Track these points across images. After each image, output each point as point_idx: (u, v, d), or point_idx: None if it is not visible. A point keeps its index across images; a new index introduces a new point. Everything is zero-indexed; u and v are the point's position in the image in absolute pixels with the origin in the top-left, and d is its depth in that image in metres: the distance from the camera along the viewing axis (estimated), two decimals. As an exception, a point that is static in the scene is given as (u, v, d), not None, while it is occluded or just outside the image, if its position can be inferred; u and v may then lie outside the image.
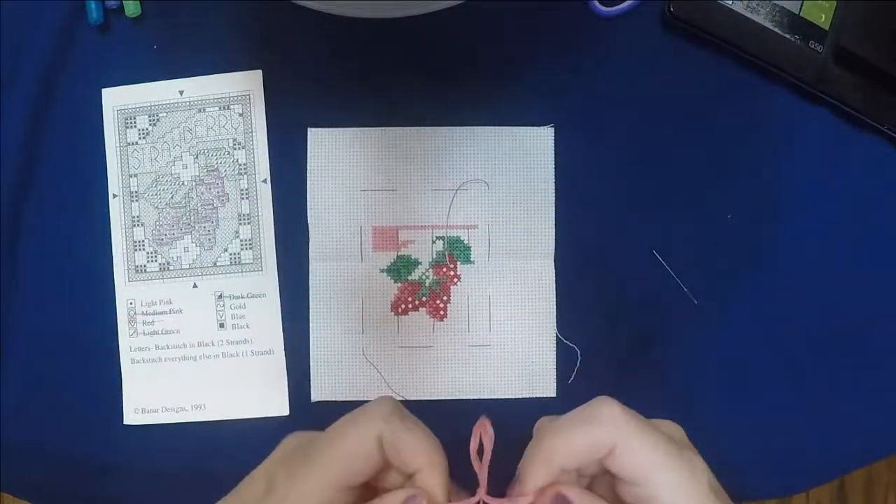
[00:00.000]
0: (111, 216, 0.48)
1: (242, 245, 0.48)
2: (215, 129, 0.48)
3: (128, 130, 0.48)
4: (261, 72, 0.47)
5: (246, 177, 0.48)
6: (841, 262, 0.49)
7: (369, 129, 0.48)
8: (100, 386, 0.48)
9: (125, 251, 0.48)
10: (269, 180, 0.48)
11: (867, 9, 0.47)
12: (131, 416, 0.48)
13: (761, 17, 0.47)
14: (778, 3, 0.47)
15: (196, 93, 0.48)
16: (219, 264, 0.48)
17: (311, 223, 0.48)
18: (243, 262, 0.48)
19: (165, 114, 0.48)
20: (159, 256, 0.48)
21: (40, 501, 0.49)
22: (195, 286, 0.48)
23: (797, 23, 0.47)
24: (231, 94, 0.48)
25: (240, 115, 0.48)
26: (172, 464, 0.48)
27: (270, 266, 0.48)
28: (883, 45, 0.47)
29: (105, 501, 0.48)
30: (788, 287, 0.49)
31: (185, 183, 0.48)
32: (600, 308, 0.48)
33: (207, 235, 0.48)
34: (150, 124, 0.48)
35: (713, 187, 0.49)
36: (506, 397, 0.48)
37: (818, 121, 0.49)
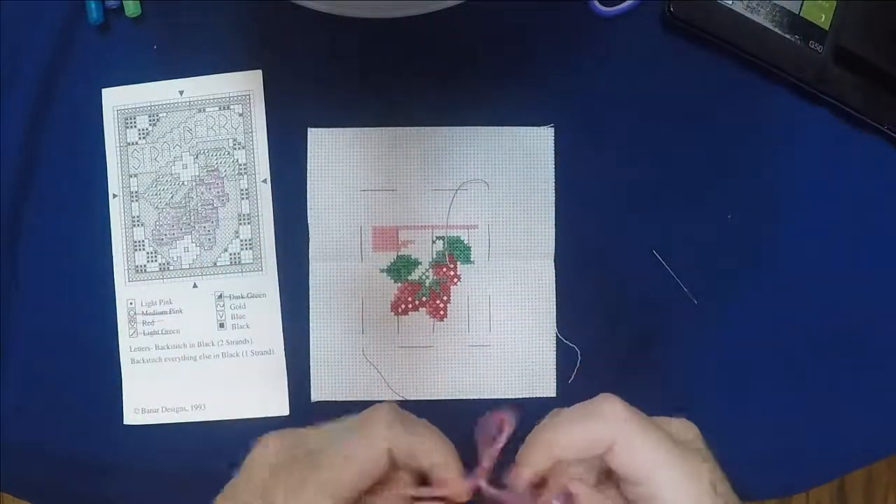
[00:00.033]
0: (111, 216, 0.48)
1: (242, 245, 0.48)
2: (215, 129, 0.48)
3: (128, 130, 0.48)
4: (261, 72, 0.47)
5: (246, 177, 0.48)
6: (841, 262, 0.49)
7: (369, 129, 0.48)
8: (100, 386, 0.48)
9: (125, 251, 0.48)
10: (269, 180, 0.48)
11: (867, 9, 0.47)
12: (131, 416, 0.48)
13: (761, 17, 0.47)
14: (778, 3, 0.47)
15: (196, 93, 0.48)
16: (219, 264, 0.48)
17: (311, 223, 0.48)
18: (243, 262, 0.48)
19: (165, 114, 0.48)
20: (159, 256, 0.48)
21: (40, 501, 0.49)
22: (195, 286, 0.48)
23: (797, 23, 0.47)
24: (231, 94, 0.48)
25: (240, 115, 0.48)
26: (172, 464, 0.48)
27: (270, 266, 0.48)
28: (883, 45, 0.47)
29: (105, 501, 0.48)
30: (788, 287, 0.49)
31: (185, 183, 0.48)
32: (600, 308, 0.48)
33: (207, 235, 0.48)
34: (150, 124, 0.48)
35: (713, 187, 0.49)
36: (506, 397, 0.48)
37: (818, 121, 0.49)
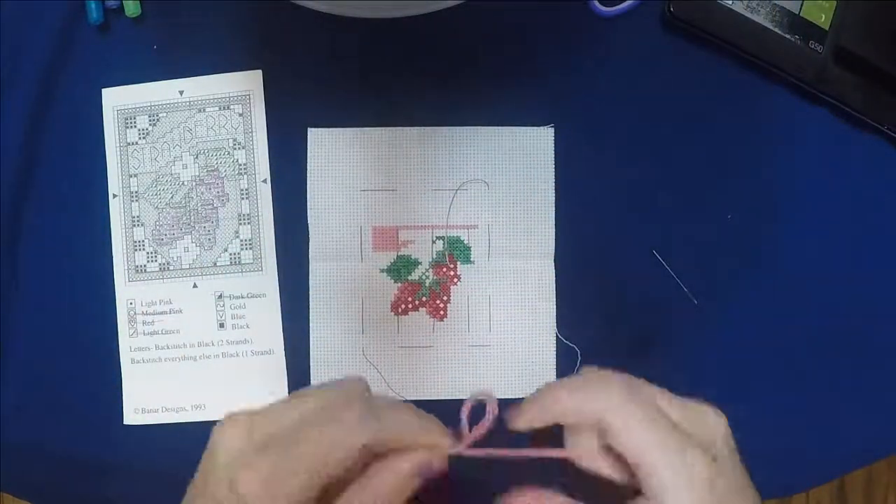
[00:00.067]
0: (111, 216, 0.48)
1: (242, 245, 0.48)
2: (215, 129, 0.48)
3: (128, 130, 0.48)
4: (261, 72, 0.47)
5: (246, 177, 0.48)
6: (841, 262, 0.49)
7: (369, 129, 0.48)
8: (100, 386, 0.48)
9: (125, 251, 0.48)
10: (269, 180, 0.48)
11: (867, 9, 0.47)
12: (131, 416, 0.48)
13: (761, 17, 0.47)
14: (778, 3, 0.47)
15: (196, 93, 0.48)
16: (219, 264, 0.48)
17: (311, 223, 0.48)
18: (243, 262, 0.48)
19: (165, 114, 0.48)
20: (159, 256, 0.48)
21: (40, 501, 0.49)
22: (195, 286, 0.48)
23: (797, 23, 0.47)
24: (231, 94, 0.48)
25: (240, 115, 0.48)
26: (172, 464, 0.48)
27: (270, 266, 0.48)
28: (883, 45, 0.47)
29: (105, 501, 0.48)
30: (788, 287, 0.49)
31: (185, 183, 0.48)
32: (600, 308, 0.48)
33: (207, 235, 0.48)
34: (150, 124, 0.48)
35: (713, 187, 0.49)
36: (506, 397, 0.48)
37: (818, 121, 0.49)
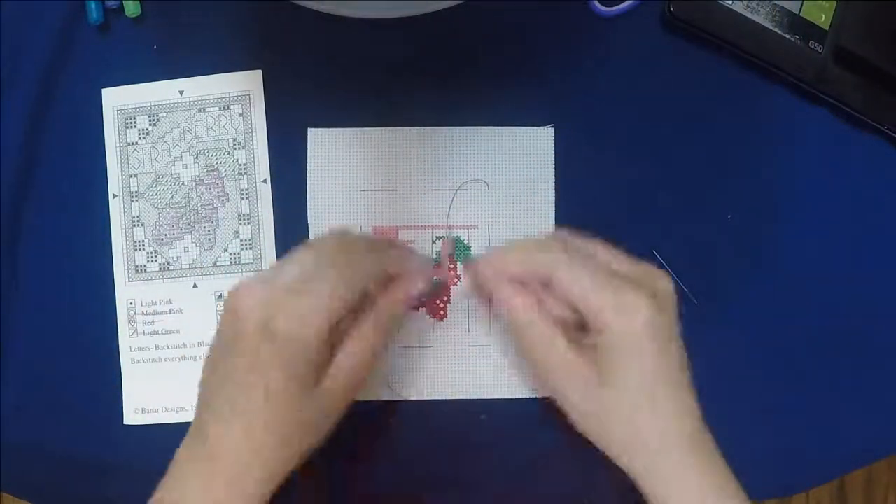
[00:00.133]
0: (111, 216, 0.48)
1: (242, 245, 0.48)
2: (215, 129, 0.48)
3: (128, 130, 0.48)
4: (261, 72, 0.47)
5: (246, 177, 0.48)
6: (841, 262, 0.49)
7: (369, 129, 0.48)
8: (100, 386, 0.48)
9: (125, 251, 0.48)
10: (269, 180, 0.48)
11: (867, 9, 0.47)
12: (131, 416, 0.48)
13: (761, 17, 0.47)
14: (778, 3, 0.47)
15: (196, 93, 0.48)
16: (219, 264, 0.48)
17: (311, 223, 0.48)
18: (243, 262, 0.48)
19: (165, 114, 0.48)
20: (159, 256, 0.48)
21: (40, 501, 0.49)
22: (195, 286, 0.48)
23: (797, 23, 0.47)
24: (231, 94, 0.48)
25: (240, 115, 0.48)
26: (172, 464, 0.48)
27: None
28: (883, 45, 0.47)
29: (105, 501, 0.48)
30: (788, 287, 0.49)
31: (185, 183, 0.48)
32: (600, 308, 0.48)
33: (207, 235, 0.48)
34: (150, 124, 0.48)
35: (713, 187, 0.48)
36: (506, 397, 0.48)
37: (818, 121, 0.49)
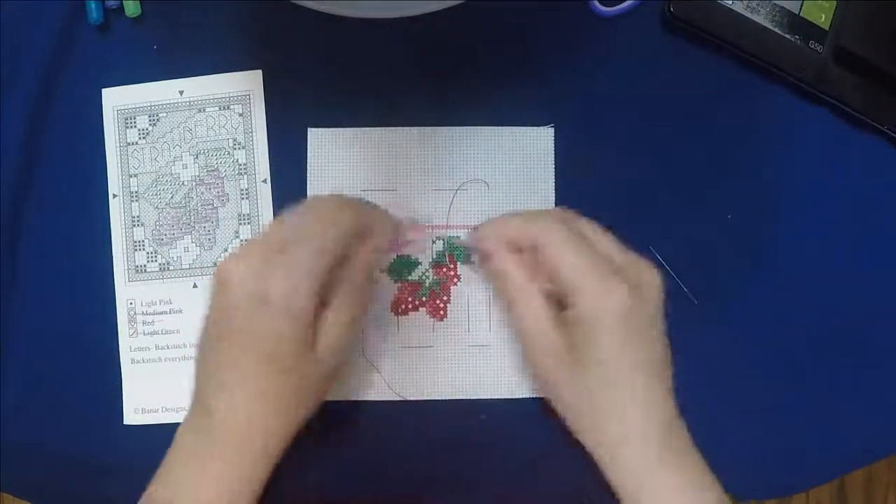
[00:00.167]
0: (111, 216, 0.48)
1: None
2: (215, 130, 0.48)
3: (128, 130, 0.48)
4: (261, 72, 0.47)
5: (246, 177, 0.48)
6: (841, 262, 0.49)
7: (369, 129, 0.48)
8: (100, 386, 0.48)
9: (125, 251, 0.48)
10: (269, 180, 0.48)
11: (867, 9, 0.47)
12: (131, 416, 0.48)
13: (761, 17, 0.47)
14: (778, 3, 0.47)
15: (196, 93, 0.48)
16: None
17: (311, 223, 0.48)
18: (243, 262, 0.48)
19: (165, 114, 0.48)
20: (159, 256, 0.48)
21: (40, 501, 0.49)
22: (195, 286, 0.48)
23: (797, 23, 0.47)
24: (231, 95, 0.48)
25: (240, 115, 0.48)
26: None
27: (270, 266, 0.48)
28: (883, 45, 0.47)
29: (105, 501, 0.48)
30: (788, 287, 0.49)
31: (185, 183, 0.48)
32: (600, 308, 0.48)
33: (207, 235, 0.48)
34: (151, 124, 0.48)
35: (713, 187, 0.49)
36: (506, 397, 0.48)
37: (818, 121, 0.49)
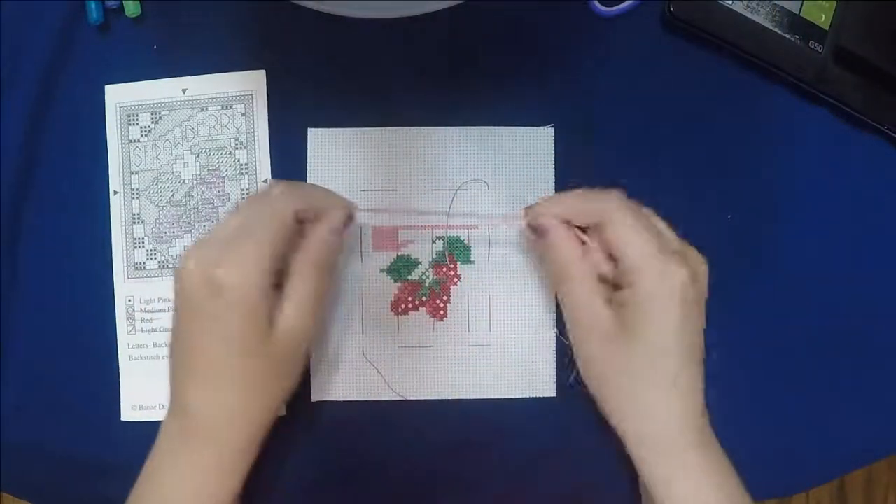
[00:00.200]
0: (111, 213, 0.48)
1: (242, 244, 0.48)
2: (217, 129, 0.48)
3: (130, 127, 0.48)
4: (264, 72, 0.47)
5: (247, 176, 0.48)
6: (841, 262, 0.49)
7: (369, 129, 0.48)
8: (99, 384, 0.48)
9: (125, 248, 0.48)
10: (269, 180, 0.48)
11: (867, 9, 0.47)
12: (129, 413, 0.48)
13: (761, 17, 0.47)
14: (778, 3, 0.47)
15: (199, 91, 0.48)
16: (219, 264, 0.48)
17: (311, 223, 0.48)
18: (243, 261, 0.48)
19: (168, 112, 0.48)
20: (159, 254, 0.48)
21: (40, 501, 0.49)
22: (195, 286, 0.48)
23: (797, 23, 0.47)
24: (234, 94, 0.48)
25: (242, 114, 0.48)
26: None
27: (270, 266, 0.48)
28: (883, 45, 0.47)
29: (105, 501, 0.48)
30: (788, 287, 0.49)
31: (186, 181, 0.48)
32: (600, 308, 0.48)
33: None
34: (153, 122, 0.48)
35: (713, 187, 0.49)
36: (506, 397, 0.48)
37: (818, 121, 0.49)
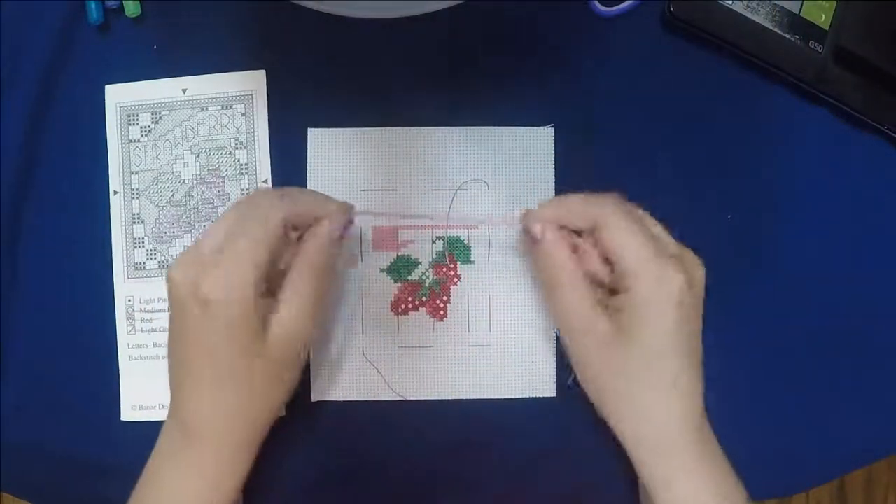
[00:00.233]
0: (112, 213, 0.48)
1: (242, 245, 0.48)
2: (217, 129, 0.48)
3: (130, 127, 0.48)
4: (264, 72, 0.47)
5: (247, 176, 0.48)
6: (841, 262, 0.49)
7: (369, 129, 0.48)
8: (99, 384, 0.48)
9: (125, 248, 0.48)
10: (269, 180, 0.48)
11: (867, 9, 0.47)
12: (128, 413, 0.48)
13: (761, 17, 0.47)
14: (778, 3, 0.47)
15: (199, 91, 0.48)
16: (219, 264, 0.48)
17: (311, 223, 0.48)
18: (243, 261, 0.48)
19: (168, 112, 0.48)
20: (159, 254, 0.48)
21: (40, 501, 0.49)
22: (195, 286, 0.48)
23: (797, 23, 0.47)
24: (234, 94, 0.48)
25: (242, 114, 0.48)
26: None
27: (270, 266, 0.48)
28: (883, 45, 0.47)
29: (105, 501, 0.48)
30: (788, 287, 0.49)
31: (186, 181, 0.48)
32: (600, 308, 0.48)
33: (207, 235, 0.48)
34: (153, 122, 0.48)
35: (713, 187, 0.49)
36: (506, 397, 0.48)
37: (818, 121, 0.49)
